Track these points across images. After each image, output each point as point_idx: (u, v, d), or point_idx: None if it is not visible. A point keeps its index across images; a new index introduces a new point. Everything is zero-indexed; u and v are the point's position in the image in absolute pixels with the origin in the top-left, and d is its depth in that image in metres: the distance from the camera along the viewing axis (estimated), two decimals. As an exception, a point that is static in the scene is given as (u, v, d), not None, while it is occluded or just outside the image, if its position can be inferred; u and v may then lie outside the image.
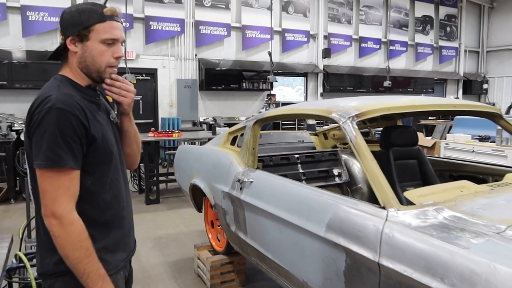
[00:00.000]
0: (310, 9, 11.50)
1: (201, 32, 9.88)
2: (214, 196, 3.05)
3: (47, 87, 1.30)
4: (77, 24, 1.29)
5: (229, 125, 8.17)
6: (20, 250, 3.17)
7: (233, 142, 3.25)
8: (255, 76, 10.44)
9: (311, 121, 9.29)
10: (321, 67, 11.73)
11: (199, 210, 3.78)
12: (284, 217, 2.11)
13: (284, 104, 10.34)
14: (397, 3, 13.03)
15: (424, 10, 13.68)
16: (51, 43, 8.40)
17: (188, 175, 3.63)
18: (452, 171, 3.25)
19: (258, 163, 2.82)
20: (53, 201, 1.20)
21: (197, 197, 3.67)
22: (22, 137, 3.18)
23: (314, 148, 4.23)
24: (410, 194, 1.82)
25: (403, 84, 13.05)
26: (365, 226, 1.64)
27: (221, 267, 3.27)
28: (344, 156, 3.90)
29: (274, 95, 10.94)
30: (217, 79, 9.90)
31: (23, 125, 7.08)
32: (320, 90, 11.89)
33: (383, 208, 1.65)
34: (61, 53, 1.38)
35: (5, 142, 5.97)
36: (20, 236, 3.07)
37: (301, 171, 3.55)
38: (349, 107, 2.09)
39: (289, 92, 11.78)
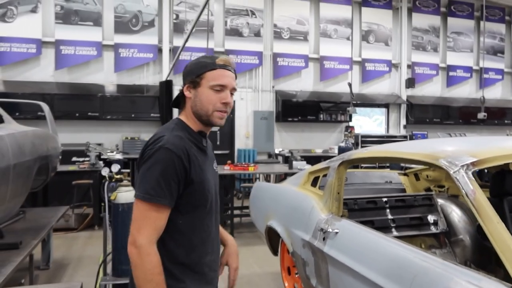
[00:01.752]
0: (392, 37, 11.01)
1: (279, 64, 9.89)
2: (292, 243, 2.78)
3: (163, 128, 1.46)
4: (192, 73, 1.45)
5: (306, 158, 7.93)
6: (96, 284, 3.17)
7: (314, 183, 2.97)
8: (332, 108, 10.12)
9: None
10: (404, 98, 11.06)
11: (275, 253, 3.52)
12: (378, 281, 1.77)
13: (364, 136, 9.83)
14: (491, 27, 11.99)
15: (523, 34, 12.42)
16: (139, 77, 8.93)
17: (264, 215, 3.41)
18: None
19: (343, 209, 2.50)
20: (138, 230, 1.31)
21: (273, 239, 3.42)
22: (108, 170, 3.28)
23: (403, 190, 3.78)
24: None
25: (499, 115, 11.78)
26: (495, 314, 1.26)
27: (298, 322, 2.94)
28: (441, 201, 3.41)
29: (352, 127, 10.48)
30: (293, 110, 9.76)
31: (111, 154, 7.57)
32: (403, 122, 11.17)
33: (521, 291, 1.26)
34: (180, 100, 1.52)
35: (92, 170, 6.31)
36: (98, 268, 3.06)
37: (390, 217, 3.14)
38: (461, 152, 1.73)
39: (366, 122, 11.23)
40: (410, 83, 11.04)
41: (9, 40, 7.94)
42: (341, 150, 7.42)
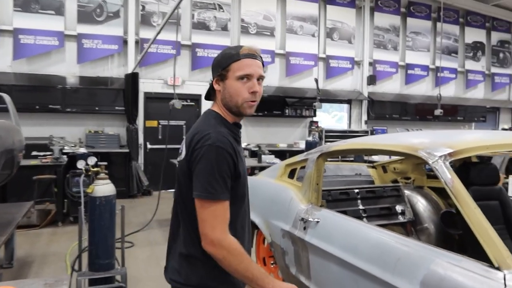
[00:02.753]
0: (356, 35, 11.33)
1: (246, 58, 9.89)
2: (271, 233, 2.85)
3: (203, 123, 1.48)
4: (219, 66, 1.49)
5: (272, 153, 8.04)
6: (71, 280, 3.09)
7: (291, 175, 3.05)
8: (297, 103, 10.30)
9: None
10: (365, 94, 11.43)
11: (250, 245, 3.58)
12: (362, 267, 1.87)
13: (327, 131, 10.06)
14: (446, 29, 12.61)
15: (475, 36, 13.17)
16: (103, 69, 8.67)
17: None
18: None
19: (322, 200, 2.60)
20: (212, 229, 1.36)
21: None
22: (84, 163, 3.19)
23: (372, 182, 3.96)
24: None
25: (452, 112, 12.47)
26: (475, 290, 1.38)
27: (276, 310, 3.02)
28: (407, 192, 3.61)
29: (317, 122, 10.72)
30: (260, 105, 9.51)
31: (74, 148, 7.31)
32: (365, 117, 11.56)
33: (497, 269, 1.39)
34: (211, 92, 1.57)
35: (56, 165, 6.08)
36: (70, 265, 2.99)
37: (361, 207, 3.29)
38: (438, 144, 1.85)
39: (325, 118, 11.51)
40: (372, 80, 11.42)
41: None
42: (309, 145, 7.60)
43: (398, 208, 3.42)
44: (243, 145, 9.74)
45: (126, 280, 2.75)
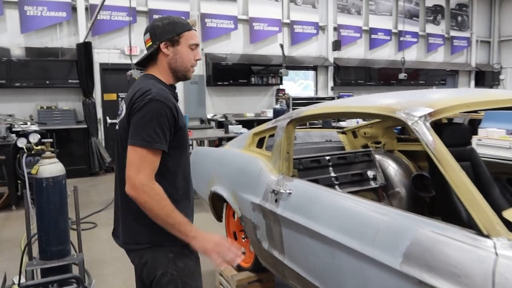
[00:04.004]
0: (319, -1, 11.05)
1: (207, 25, 9.47)
2: (240, 207, 2.67)
3: (143, 83, 1.53)
4: (170, 32, 1.57)
5: (239, 123, 7.82)
6: (20, 269, 2.82)
7: (259, 145, 2.86)
8: (263, 71, 10.03)
9: (326, 117, 8.85)
10: (331, 60, 11.31)
11: (219, 219, 3.41)
12: (339, 239, 1.73)
13: (294, 99, 9.91)
14: (408, -8, 12.56)
15: (435, -1, 13.21)
16: (51, 39, 8.01)
17: (207, 181, 3.25)
18: (511, 174, 2.86)
19: (293, 169, 2.43)
20: (137, 172, 1.41)
21: (217, 205, 3.29)
22: (25, 141, 2.85)
23: (343, 148, 3.84)
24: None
25: (415, 76, 12.61)
26: (464, 262, 1.26)
27: (248, 285, 2.90)
28: (378, 157, 3.52)
29: (283, 90, 10.54)
30: (224, 74, 9.50)
31: (23, 126, 6.77)
32: (331, 83, 11.48)
33: (487, 237, 1.27)
34: (151, 57, 1.62)
35: (4, 145, 5.60)
36: (22, 249, 2.71)
37: (333, 174, 3.17)
38: (417, 103, 1.70)
39: (291, 86, 11.33)
40: (337, 45, 11.27)
41: None
42: (276, 112, 7.42)
43: (370, 173, 3.33)
44: (209, 116, 9.49)
45: (84, 266, 2.52)
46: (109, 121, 8.40)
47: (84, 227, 4.92)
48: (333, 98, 10.78)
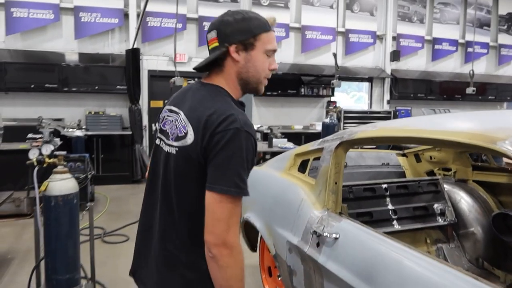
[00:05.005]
0: (378, 7, 10.38)
1: (258, 33, 9.13)
2: (275, 244, 2.22)
3: (219, 102, 1.21)
4: (245, 32, 1.24)
5: (285, 135, 7.36)
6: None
7: (302, 168, 2.40)
8: (314, 81, 9.51)
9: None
10: (388, 72, 10.55)
11: (253, 249, 2.97)
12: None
13: (346, 112, 9.28)
14: (478, -1, 11.51)
15: (509, 6, 12.00)
16: (103, 45, 8.06)
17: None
18: None
19: (342, 204, 1.94)
20: (227, 230, 1.13)
21: (251, 233, 2.86)
22: (37, 152, 2.61)
23: (402, 174, 3.27)
24: None
25: (483, 91, 11.44)
26: None
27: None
28: (447, 187, 2.92)
29: (334, 102, 9.95)
30: (273, 83, 9.00)
31: (70, 130, 6.78)
32: (387, 97, 10.71)
33: None
34: (215, 61, 1.28)
35: (47, 149, 5.56)
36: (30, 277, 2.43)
37: (390, 207, 2.63)
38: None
39: (343, 98, 10.70)
40: (395, 56, 10.51)
41: (-52, -1, 6.92)
42: (325, 127, 6.91)
43: (437, 207, 2.76)
44: (256, 127, 9.13)
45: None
46: (154, 128, 8.28)
47: (116, 240, 4.69)
48: (389, 113, 10.03)
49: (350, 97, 10.99)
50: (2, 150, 5.45)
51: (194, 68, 1.36)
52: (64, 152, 2.38)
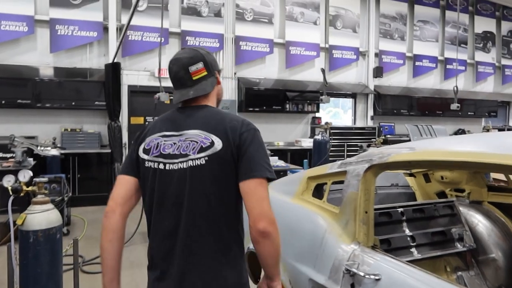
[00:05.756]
0: (360, 24, 10.44)
1: (242, 48, 8.98)
2: (292, 280, 1.95)
3: (226, 113, 1.47)
4: (216, 62, 1.57)
5: (272, 152, 7.14)
6: None
7: (317, 193, 2.15)
8: (298, 97, 9.38)
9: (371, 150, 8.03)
10: (371, 87, 10.57)
11: (256, 281, 2.68)
12: None
13: (333, 128, 9.15)
14: (455, 17, 11.73)
15: (485, 25, 12.35)
16: (81, 59, 7.69)
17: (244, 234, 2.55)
18: None
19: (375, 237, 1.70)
20: (269, 207, 1.33)
21: (255, 262, 2.57)
22: (13, 179, 2.26)
23: (413, 195, 3.07)
24: None
25: (462, 107, 11.61)
26: None
27: None
28: (462, 209, 2.73)
29: (319, 118, 9.85)
30: (258, 99, 8.92)
31: (45, 149, 6.33)
32: (371, 112, 10.69)
33: None
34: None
35: (18, 170, 5.11)
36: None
37: (408, 232, 2.41)
38: None
39: (319, 114, 10.54)
40: (378, 72, 10.55)
41: None
42: (317, 144, 6.72)
43: (455, 232, 2.56)
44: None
45: None
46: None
47: (96, 269, 4.29)
48: (373, 129, 9.99)
49: (326, 113, 10.88)
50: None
51: (197, 96, 1.48)
52: (44, 179, 2.04)
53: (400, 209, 2.46)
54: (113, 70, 7.07)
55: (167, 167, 1.38)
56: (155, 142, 1.43)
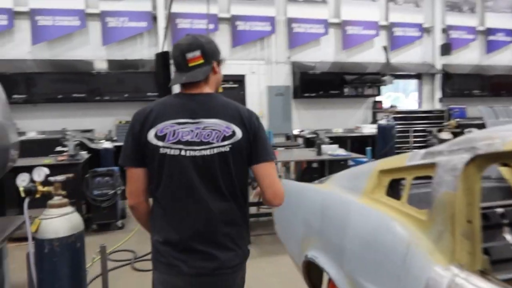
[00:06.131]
0: (424, -4, 9.48)
1: (294, 30, 8.49)
2: (362, 304, 1.52)
3: (233, 102, 1.59)
4: (218, 51, 1.63)
5: (331, 139, 6.63)
6: None
7: (392, 191, 1.70)
8: (357, 80, 8.72)
9: (445, 135, 7.22)
10: (438, 67, 9.59)
11: (316, 292, 2.28)
12: None
13: (397, 113, 8.36)
14: (537, -18, 10.35)
15: None
16: (132, 51, 7.65)
17: (299, 237, 2.16)
18: None
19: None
20: (280, 185, 1.56)
21: (314, 272, 2.18)
22: (28, 178, 2.06)
23: (508, 189, 2.48)
24: None
25: (545, 85, 10.25)
26: None
27: None
28: None
29: (381, 102, 9.12)
30: (313, 84, 8.40)
31: (98, 142, 6.32)
32: (438, 94, 9.73)
33: None
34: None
35: (72, 164, 5.10)
36: None
37: (510, 239, 1.88)
38: None
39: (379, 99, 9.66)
40: (446, 49, 9.54)
41: (-25, 11, 6.70)
42: (382, 130, 6.12)
43: None
44: (296, 131, 8.45)
45: None
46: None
47: (148, 266, 4.10)
48: (442, 112, 9.07)
49: (386, 97, 10.02)
50: (24, 166, 5.01)
51: (191, 81, 1.54)
52: (61, 177, 1.78)
53: (499, 209, 1.93)
54: (163, 59, 6.90)
55: (188, 154, 1.46)
56: (170, 129, 1.47)
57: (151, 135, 1.46)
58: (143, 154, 1.48)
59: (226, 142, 1.47)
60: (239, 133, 1.49)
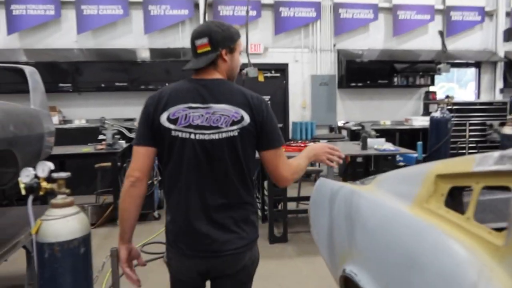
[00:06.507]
0: (487, -23, 8.63)
1: (341, 16, 8.02)
2: None
3: (242, 88, 1.62)
4: (229, 39, 1.60)
5: (378, 132, 6.20)
6: None
7: (453, 201, 1.38)
8: (407, 69, 8.13)
9: (509, 129, 6.52)
10: (501, 54, 8.74)
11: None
12: None
13: (455, 104, 7.68)
14: None
15: None
16: (173, 39, 7.58)
17: (337, 248, 1.88)
18: None
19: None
20: (288, 168, 1.64)
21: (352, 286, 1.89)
22: (32, 174, 1.95)
23: None
24: None
25: None
26: None
27: None
28: None
29: (434, 93, 8.47)
30: (360, 73, 7.94)
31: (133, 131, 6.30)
32: (500, 84, 8.89)
33: None
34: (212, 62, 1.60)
35: (110, 152, 5.09)
36: None
37: None
38: None
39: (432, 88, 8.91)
40: (510, 35, 8.66)
41: (23, 1, 6.85)
42: (435, 122, 5.61)
43: None
44: (340, 123, 8.06)
45: None
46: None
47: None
48: (504, 103, 8.26)
49: (438, 88, 9.26)
50: (67, 154, 5.08)
51: (189, 68, 1.61)
52: (65, 174, 1.62)
53: None
54: (203, 47, 6.76)
55: (197, 137, 1.51)
56: (182, 113, 1.51)
57: (163, 118, 1.50)
58: (154, 135, 1.51)
59: (234, 127, 1.52)
60: (247, 118, 1.53)
